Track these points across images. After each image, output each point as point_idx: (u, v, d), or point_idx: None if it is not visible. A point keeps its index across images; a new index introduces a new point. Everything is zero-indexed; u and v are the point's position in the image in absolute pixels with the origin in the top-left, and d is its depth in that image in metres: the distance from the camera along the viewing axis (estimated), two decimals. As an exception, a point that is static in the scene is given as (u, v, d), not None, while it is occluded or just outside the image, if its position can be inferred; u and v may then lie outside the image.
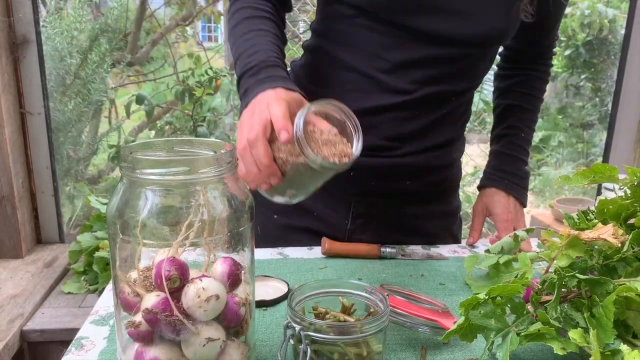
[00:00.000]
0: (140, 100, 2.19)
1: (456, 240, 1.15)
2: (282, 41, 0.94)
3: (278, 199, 0.80)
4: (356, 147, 0.73)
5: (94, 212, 1.89)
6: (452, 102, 1.00)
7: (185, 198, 0.58)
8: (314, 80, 1.03)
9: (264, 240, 1.08)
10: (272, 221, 1.08)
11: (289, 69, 1.09)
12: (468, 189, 2.92)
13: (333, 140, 0.72)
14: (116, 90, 2.64)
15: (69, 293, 1.60)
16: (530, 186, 4.20)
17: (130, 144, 0.63)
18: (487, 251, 0.89)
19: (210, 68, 2.45)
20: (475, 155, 2.94)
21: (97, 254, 1.63)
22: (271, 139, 0.74)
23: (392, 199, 1.06)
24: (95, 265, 1.61)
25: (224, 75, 2.39)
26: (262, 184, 0.76)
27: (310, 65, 1.04)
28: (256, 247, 1.11)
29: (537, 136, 4.22)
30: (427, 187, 1.06)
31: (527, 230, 0.91)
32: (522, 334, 0.64)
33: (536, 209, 3.49)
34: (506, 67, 1.15)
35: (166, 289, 0.56)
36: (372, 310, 0.69)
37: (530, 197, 4.15)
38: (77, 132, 2.21)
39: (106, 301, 0.85)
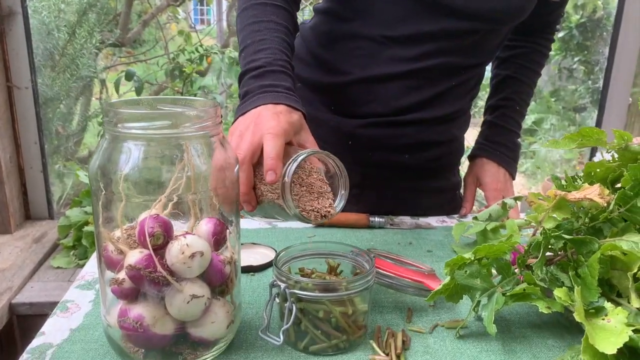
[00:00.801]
0: (129, 76, 2.17)
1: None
2: (293, 34, 0.89)
3: (243, 212, 0.77)
4: (338, 205, 0.70)
5: (83, 188, 1.87)
6: (461, 76, 1.00)
7: (169, 154, 0.57)
8: (322, 43, 1.01)
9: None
10: None
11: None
12: (461, 169, 2.93)
13: (318, 188, 0.69)
14: (107, 73, 2.62)
15: (58, 267, 1.60)
16: (522, 169, 4.21)
17: (113, 100, 0.62)
18: (475, 218, 0.89)
19: (201, 45, 2.43)
20: (470, 138, 2.94)
21: (86, 228, 1.62)
22: (258, 162, 0.70)
23: (388, 171, 1.05)
24: (84, 239, 1.60)
25: (215, 53, 2.37)
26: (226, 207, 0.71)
27: (320, 28, 1.02)
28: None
29: (529, 119, 4.23)
30: (426, 162, 1.06)
31: (516, 199, 0.91)
32: (508, 294, 0.64)
33: (527, 191, 3.51)
34: (509, 37, 1.13)
35: (149, 245, 0.55)
36: (358, 271, 0.68)
37: (522, 179, 4.17)
38: (66, 108, 2.18)
39: (92, 267, 0.84)
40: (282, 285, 0.61)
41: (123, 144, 0.56)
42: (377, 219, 1.00)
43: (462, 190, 1.17)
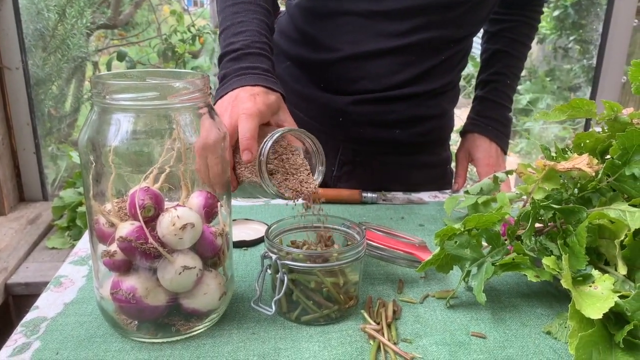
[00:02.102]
0: (121, 56, 2.15)
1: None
2: (272, 14, 0.89)
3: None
4: (316, 181, 0.70)
5: (77, 170, 1.87)
6: (451, 49, 0.99)
7: (158, 125, 0.57)
8: (309, 20, 1.00)
9: None
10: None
11: (283, 9, 1.06)
12: (454, 147, 2.93)
13: (297, 166, 0.70)
14: (100, 55, 2.59)
15: (53, 248, 1.60)
16: (517, 149, 4.20)
17: (101, 73, 0.62)
18: (467, 192, 0.90)
19: (193, 25, 2.41)
20: (465, 118, 2.93)
21: (80, 209, 1.62)
22: (237, 145, 0.70)
23: (379, 147, 1.05)
24: (78, 220, 1.61)
25: (207, 33, 2.35)
26: (215, 185, 0.66)
27: (306, 5, 1.01)
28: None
29: (524, 99, 4.22)
30: (416, 137, 1.06)
31: (508, 172, 0.91)
32: (497, 263, 0.65)
33: (522, 170, 3.51)
34: (497, 11, 1.13)
35: (140, 217, 0.56)
36: (349, 243, 0.69)
37: (517, 159, 4.15)
38: (58, 89, 2.17)
39: (86, 243, 0.85)
40: (274, 257, 0.61)
41: (112, 115, 0.56)
42: (369, 194, 1.01)
43: (452, 166, 1.17)
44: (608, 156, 0.71)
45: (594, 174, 0.64)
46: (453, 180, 1.13)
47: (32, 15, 1.93)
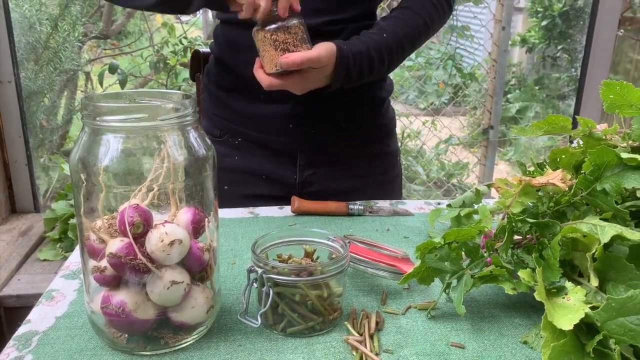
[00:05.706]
0: (113, 69, 2.17)
1: (396, 189, 1.23)
2: None
3: None
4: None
5: (69, 181, 1.88)
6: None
7: (147, 145, 0.59)
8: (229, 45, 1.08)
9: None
10: (225, 193, 1.07)
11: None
12: (443, 157, 2.96)
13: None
14: (93, 65, 2.61)
15: (44, 260, 1.61)
16: (507, 157, 4.23)
17: (91, 94, 0.64)
18: (449, 205, 0.92)
19: (185, 37, 2.43)
20: (453, 128, 2.98)
21: (71, 221, 1.63)
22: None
23: (328, 134, 1.10)
24: (70, 232, 1.62)
25: (199, 45, 2.37)
26: None
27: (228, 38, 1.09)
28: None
29: (514, 107, 4.27)
30: (358, 121, 1.11)
31: (488, 185, 0.94)
32: (476, 276, 0.67)
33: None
34: None
35: (129, 234, 0.58)
36: (334, 256, 0.71)
37: (507, 167, 4.18)
38: (50, 101, 2.18)
39: (77, 257, 0.86)
40: (260, 271, 0.63)
41: (102, 136, 0.58)
42: (356, 206, 1.03)
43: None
44: (583, 171, 0.74)
45: (567, 189, 0.67)
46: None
47: (25, 29, 1.95)
